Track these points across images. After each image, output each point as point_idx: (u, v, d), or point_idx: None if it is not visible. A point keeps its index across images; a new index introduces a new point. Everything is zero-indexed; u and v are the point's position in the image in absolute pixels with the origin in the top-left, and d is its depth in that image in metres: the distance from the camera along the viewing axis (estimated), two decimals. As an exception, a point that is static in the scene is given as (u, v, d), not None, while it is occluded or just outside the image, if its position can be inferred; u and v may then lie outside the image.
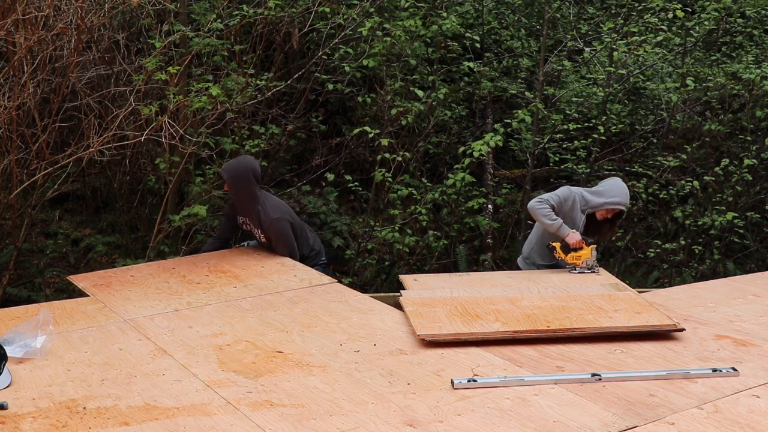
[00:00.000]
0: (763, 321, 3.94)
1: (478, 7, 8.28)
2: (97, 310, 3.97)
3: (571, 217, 4.92)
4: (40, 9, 5.26)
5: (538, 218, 4.87)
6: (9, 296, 6.03)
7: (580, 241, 4.81)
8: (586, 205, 4.97)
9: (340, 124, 8.03)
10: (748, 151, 7.44)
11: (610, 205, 4.95)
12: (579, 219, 4.95)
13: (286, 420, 2.72)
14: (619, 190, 4.99)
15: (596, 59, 8.05)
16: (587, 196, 4.99)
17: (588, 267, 4.80)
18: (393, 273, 6.98)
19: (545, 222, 4.82)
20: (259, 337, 3.57)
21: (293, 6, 6.78)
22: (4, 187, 5.82)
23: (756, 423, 2.73)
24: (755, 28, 8.18)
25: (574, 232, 4.84)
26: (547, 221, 4.81)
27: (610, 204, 4.95)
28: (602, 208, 4.98)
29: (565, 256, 4.84)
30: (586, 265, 4.80)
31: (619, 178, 5.25)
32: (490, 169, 8.20)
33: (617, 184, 5.06)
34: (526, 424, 2.69)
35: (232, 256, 5.05)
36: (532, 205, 4.88)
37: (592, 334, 3.57)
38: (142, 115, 5.83)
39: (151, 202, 7.16)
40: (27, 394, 2.93)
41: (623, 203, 4.97)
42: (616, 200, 4.95)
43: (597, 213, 5.00)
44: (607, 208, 4.97)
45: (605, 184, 5.12)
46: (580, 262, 4.81)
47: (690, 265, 7.38)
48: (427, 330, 3.52)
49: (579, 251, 4.81)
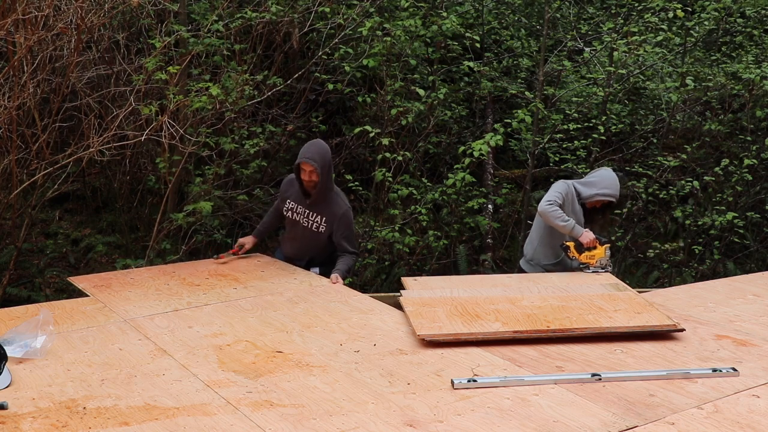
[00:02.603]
0: (763, 321, 3.94)
1: (478, 7, 8.28)
2: (97, 310, 3.97)
3: (572, 210, 4.97)
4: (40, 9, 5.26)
5: (552, 222, 4.86)
6: (9, 296, 6.03)
7: (593, 240, 4.82)
8: (579, 196, 5.03)
9: (340, 124, 8.03)
10: (748, 151, 7.44)
11: (600, 197, 5.01)
12: (578, 210, 5.01)
13: (286, 420, 2.72)
14: (609, 181, 5.03)
15: (596, 59, 8.05)
16: (579, 188, 5.05)
17: (602, 266, 4.80)
18: (393, 273, 6.98)
19: (559, 224, 4.83)
20: (259, 337, 3.58)
21: (293, 7, 6.79)
22: (4, 187, 5.82)
23: (756, 423, 2.73)
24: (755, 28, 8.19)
25: (588, 231, 4.86)
26: (560, 223, 4.82)
27: (601, 195, 5.01)
28: (593, 200, 5.02)
29: (579, 255, 4.85)
30: (600, 264, 4.80)
31: (610, 168, 5.28)
32: (490, 169, 8.21)
33: (607, 174, 5.10)
34: (526, 424, 2.69)
35: (233, 262, 5.05)
36: (543, 209, 4.87)
37: (592, 335, 3.57)
38: (142, 115, 5.83)
39: (151, 202, 7.16)
40: (27, 394, 2.93)
41: (613, 194, 5.02)
42: (605, 192, 5.00)
43: (587, 203, 5.05)
44: (598, 200, 5.02)
45: (595, 174, 5.15)
46: (594, 262, 4.81)
47: (690, 265, 7.38)
48: (427, 330, 3.52)
49: (593, 250, 4.82)
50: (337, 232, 4.88)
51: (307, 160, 4.71)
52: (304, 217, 4.91)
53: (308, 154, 4.74)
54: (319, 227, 4.89)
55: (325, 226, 4.88)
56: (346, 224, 4.90)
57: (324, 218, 4.87)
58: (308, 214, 4.90)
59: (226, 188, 6.91)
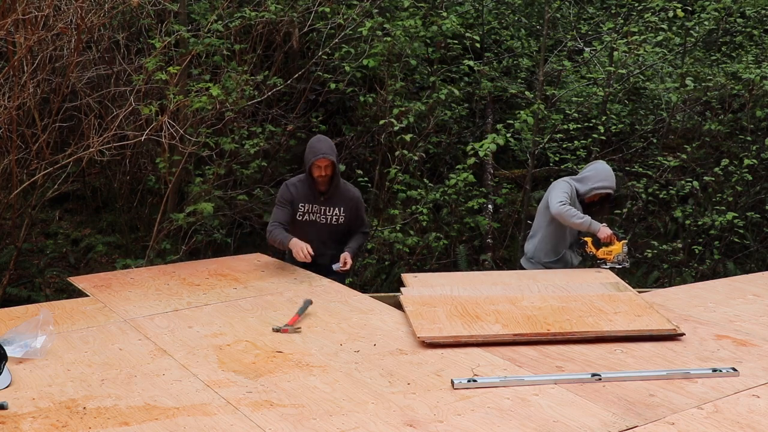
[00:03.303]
0: (763, 321, 3.94)
1: (478, 7, 8.28)
2: (97, 310, 3.97)
3: (576, 207, 4.98)
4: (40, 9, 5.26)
5: (568, 221, 4.87)
6: (9, 296, 6.04)
7: (611, 235, 4.82)
8: (576, 193, 5.06)
9: (340, 124, 8.03)
10: (748, 151, 7.44)
11: (597, 190, 5.03)
12: (579, 208, 5.02)
13: (286, 420, 2.72)
14: (604, 173, 5.05)
15: (596, 59, 8.05)
16: (576, 185, 5.08)
17: (619, 262, 4.79)
18: (393, 273, 6.99)
19: (576, 222, 4.84)
20: (259, 337, 3.57)
21: (293, 7, 6.78)
22: (4, 187, 5.82)
23: (756, 423, 2.72)
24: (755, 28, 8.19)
25: (605, 226, 4.86)
26: (577, 221, 4.84)
27: (597, 189, 5.03)
28: (590, 194, 5.04)
29: (596, 251, 4.84)
30: (617, 259, 4.79)
31: (602, 161, 5.29)
32: (490, 169, 8.21)
33: (601, 167, 5.11)
34: (526, 424, 2.69)
35: (233, 262, 5.05)
36: (558, 210, 4.87)
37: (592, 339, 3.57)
38: (142, 115, 5.83)
39: (151, 202, 7.16)
40: (27, 394, 2.93)
41: (610, 186, 5.04)
42: (601, 185, 5.03)
43: (585, 199, 5.08)
44: (596, 193, 5.03)
45: (589, 169, 5.17)
46: (611, 257, 4.81)
47: (690, 265, 7.38)
48: (428, 332, 3.52)
49: (610, 246, 4.81)
50: (354, 213, 5.00)
51: (324, 156, 4.78)
52: (321, 215, 4.95)
53: (323, 150, 4.81)
54: (338, 219, 4.96)
55: (344, 215, 4.96)
56: (361, 206, 5.08)
57: (342, 208, 4.95)
58: (324, 210, 4.95)
59: (226, 188, 6.91)
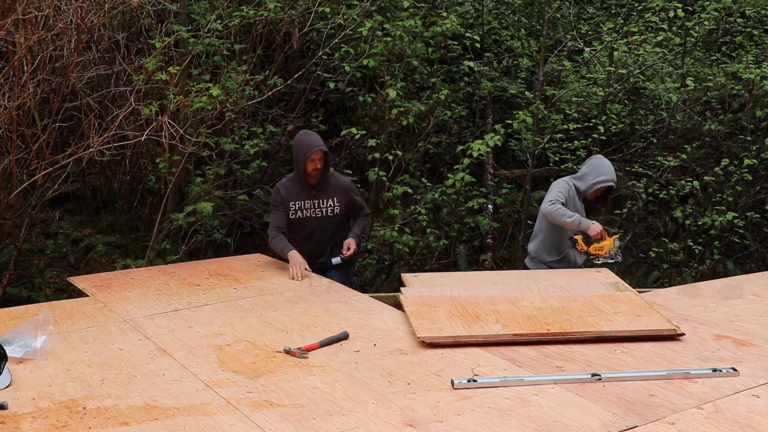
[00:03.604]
0: (763, 321, 3.94)
1: (478, 7, 8.28)
2: (97, 310, 3.97)
3: (574, 207, 4.98)
4: (40, 9, 5.26)
5: (558, 220, 4.87)
6: (9, 296, 6.03)
7: (601, 231, 4.82)
8: (578, 192, 5.05)
9: (340, 124, 8.02)
10: (748, 151, 7.44)
11: (598, 185, 5.03)
12: (580, 207, 5.02)
13: (286, 420, 2.72)
14: (603, 167, 5.06)
15: (596, 59, 8.05)
16: (576, 183, 5.08)
17: (611, 257, 4.80)
18: (393, 273, 6.98)
19: (565, 221, 4.84)
20: (259, 337, 3.57)
21: (293, 7, 6.78)
22: (4, 187, 5.82)
23: (756, 423, 2.72)
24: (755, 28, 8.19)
25: (595, 223, 4.86)
26: (566, 220, 4.84)
27: (598, 183, 5.03)
28: (592, 190, 5.04)
29: (587, 247, 4.85)
30: (609, 254, 4.80)
31: (599, 155, 5.29)
32: (490, 169, 8.21)
33: (599, 162, 5.11)
34: (526, 424, 2.69)
35: (233, 262, 5.05)
36: (547, 210, 4.88)
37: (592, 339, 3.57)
38: (142, 115, 5.83)
39: (151, 202, 7.16)
40: (27, 394, 2.93)
41: (610, 179, 5.04)
42: (602, 178, 5.03)
43: (588, 195, 5.07)
44: (597, 188, 5.03)
45: (587, 165, 5.17)
46: (603, 253, 4.81)
47: (690, 265, 7.38)
48: (428, 332, 3.52)
49: (601, 242, 4.82)
50: (349, 200, 5.05)
51: (318, 148, 4.85)
52: (314, 209, 4.99)
53: (316, 142, 4.89)
54: (333, 209, 5.00)
55: (339, 204, 5.00)
56: (355, 191, 5.15)
57: (335, 198, 5.00)
58: (317, 203, 4.99)
59: (226, 188, 6.91)
